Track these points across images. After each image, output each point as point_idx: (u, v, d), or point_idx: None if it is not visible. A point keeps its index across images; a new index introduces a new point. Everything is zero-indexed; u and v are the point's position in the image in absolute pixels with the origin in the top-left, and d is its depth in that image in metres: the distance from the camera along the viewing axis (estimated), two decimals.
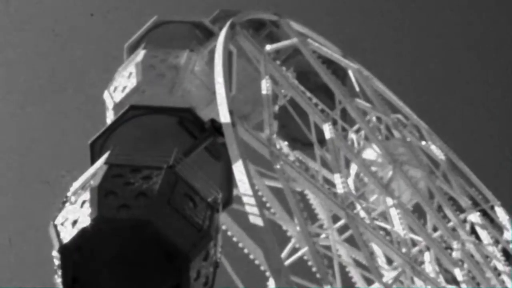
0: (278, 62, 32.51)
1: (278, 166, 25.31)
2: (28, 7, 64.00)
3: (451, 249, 32.98)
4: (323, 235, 28.67)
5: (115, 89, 26.44)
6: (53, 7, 64.33)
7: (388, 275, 28.33)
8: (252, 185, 22.18)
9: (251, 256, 26.90)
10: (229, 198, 23.47)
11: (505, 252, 36.45)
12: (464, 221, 36.69)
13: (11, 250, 52.80)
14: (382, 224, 31.17)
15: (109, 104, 26.18)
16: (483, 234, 36.57)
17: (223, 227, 24.95)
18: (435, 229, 33.91)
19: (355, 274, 32.08)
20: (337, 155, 30.03)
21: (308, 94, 32.26)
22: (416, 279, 28.17)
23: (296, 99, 31.59)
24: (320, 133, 31.16)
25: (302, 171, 26.55)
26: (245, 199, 21.95)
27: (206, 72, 26.78)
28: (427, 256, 31.55)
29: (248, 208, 21.82)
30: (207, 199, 20.35)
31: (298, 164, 27.01)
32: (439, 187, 36.25)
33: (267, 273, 22.10)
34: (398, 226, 29.77)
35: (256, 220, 21.42)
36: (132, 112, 23.24)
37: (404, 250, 28.59)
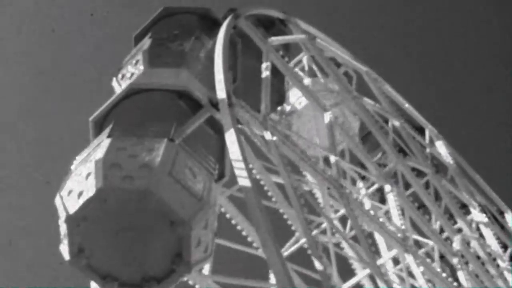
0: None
1: None
2: (28, 6, 64.02)
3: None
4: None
5: (70, 192, 20.13)
6: (53, 7, 64.37)
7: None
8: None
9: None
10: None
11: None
12: (427, 184, 35.78)
13: (11, 250, 55.12)
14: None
15: (61, 214, 20.09)
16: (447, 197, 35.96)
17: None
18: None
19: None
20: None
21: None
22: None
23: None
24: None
25: None
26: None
27: (191, 170, 20.17)
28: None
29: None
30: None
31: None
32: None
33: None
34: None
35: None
36: None
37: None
